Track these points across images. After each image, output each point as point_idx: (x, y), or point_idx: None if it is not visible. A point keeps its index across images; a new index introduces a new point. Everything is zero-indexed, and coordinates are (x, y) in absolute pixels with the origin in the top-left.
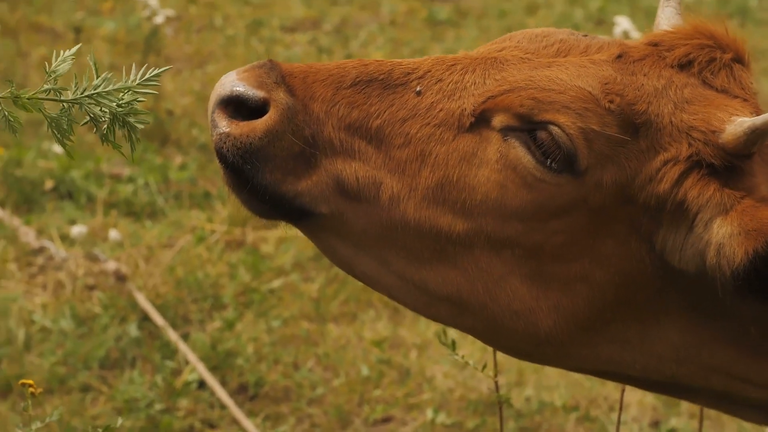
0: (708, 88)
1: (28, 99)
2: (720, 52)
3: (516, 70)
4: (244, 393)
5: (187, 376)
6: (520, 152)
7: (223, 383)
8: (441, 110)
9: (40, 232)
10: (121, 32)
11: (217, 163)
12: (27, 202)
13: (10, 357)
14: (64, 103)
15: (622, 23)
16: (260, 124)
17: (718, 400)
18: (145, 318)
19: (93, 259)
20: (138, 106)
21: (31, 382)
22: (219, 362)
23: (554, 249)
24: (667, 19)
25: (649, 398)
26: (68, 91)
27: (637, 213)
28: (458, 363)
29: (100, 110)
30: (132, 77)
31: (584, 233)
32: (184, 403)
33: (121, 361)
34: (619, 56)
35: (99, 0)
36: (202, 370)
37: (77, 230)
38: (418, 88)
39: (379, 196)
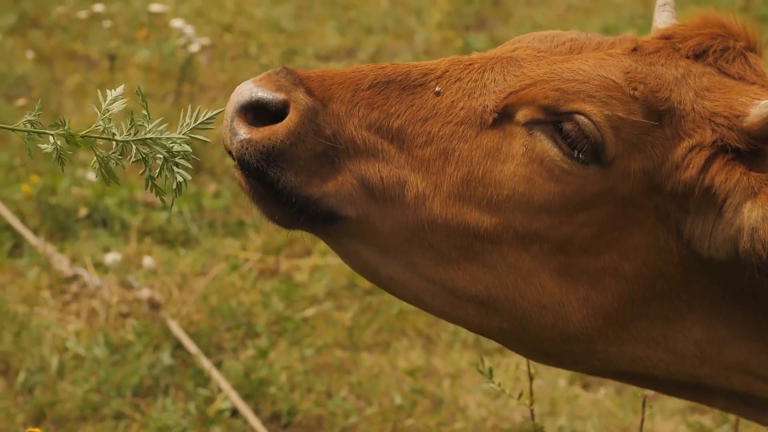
0: (725, 76)
1: (81, 137)
2: (733, 41)
3: (535, 66)
4: (277, 421)
5: (220, 404)
6: (546, 145)
7: (256, 411)
8: (462, 108)
9: (74, 260)
10: (155, 60)
11: (238, 174)
12: (61, 229)
13: (44, 384)
14: (116, 143)
15: None
16: (282, 126)
17: (739, 402)
18: (178, 346)
19: (127, 286)
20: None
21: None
22: (252, 390)
23: (583, 242)
24: (663, 23)
25: (682, 428)
26: (111, 130)
27: (665, 202)
28: (491, 392)
29: (152, 154)
30: (186, 120)
31: (612, 225)
32: (216, 431)
33: (154, 389)
34: (634, 49)
35: (134, 28)
36: (235, 399)
37: (111, 258)
38: (437, 89)
39: (405, 195)
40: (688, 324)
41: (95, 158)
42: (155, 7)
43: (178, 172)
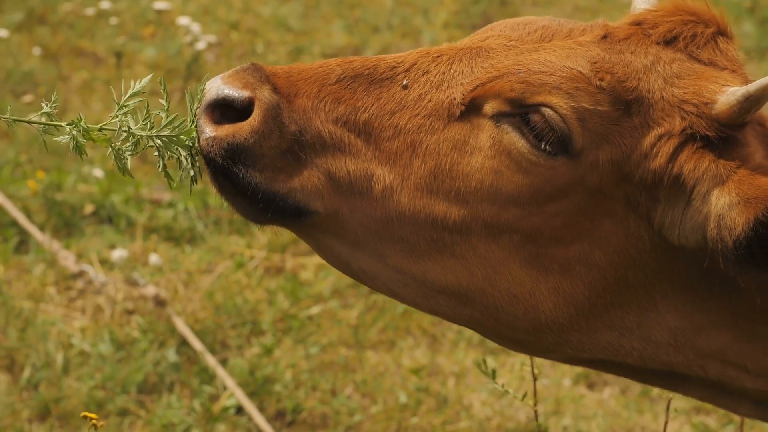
0: (695, 62)
1: (99, 130)
2: (703, 26)
3: (503, 57)
4: (281, 419)
5: (225, 401)
6: (513, 137)
7: (261, 409)
8: (430, 101)
9: (80, 257)
10: (161, 58)
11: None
12: (67, 226)
13: (49, 380)
14: (131, 137)
15: None
16: (246, 124)
17: (713, 390)
18: (183, 343)
19: (132, 283)
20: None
21: (94, 416)
22: (257, 388)
23: (553, 232)
24: (642, 3)
25: (687, 429)
26: (125, 122)
27: (634, 191)
28: (496, 391)
29: (167, 149)
30: (195, 107)
31: (582, 214)
32: (221, 428)
33: (159, 386)
34: (604, 37)
35: (140, 25)
36: (240, 396)
37: (117, 255)
38: (404, 82)
39: (372, 189)
40: (662, 312)
41: (111, 151)
42: (162, 5)
43: (193, 164)
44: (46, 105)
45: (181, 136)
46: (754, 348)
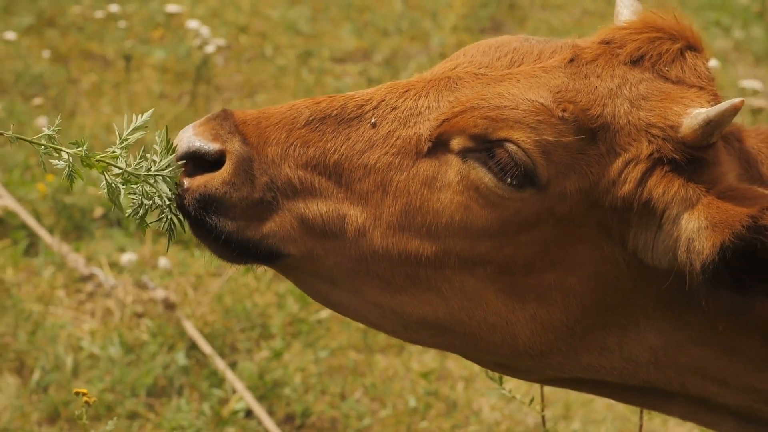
0: (664, 81)
1: (98, 161)
2: (671, 42)
3: (468, 89)
4: (291, 423)
5: (235, 404)
6: (480, 172)
7: (270, 413)
8: (398, 138)
9: (89, 260)
10: (171, 61)
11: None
12: (76, 229)
13: (58, 383)
14: (125, 174)
15: None
16: (217, 175)
17: (695, 406)
18: (193, 346)
19: (142, 286)
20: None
21: (85, 390)
22: (266, 392)
23: (526, 261)
24: (625, 6)
25: None
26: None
27: (605, 216)
28: (505, 396)
29: (153, 195)
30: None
31: (555, 243)
32: (231, 431)
33: (169, 389)
34: (572, 60)
35: (149, 28)
36: (250, 399)
37: (126, 258)
38: (372, 120)
39: (345, 230)
40: (643, 331)
41: (105, 183)
42: (171, 8)
43: (175, 216)
44: (49, 128)
45: (165, 189)
46: (735, 363)
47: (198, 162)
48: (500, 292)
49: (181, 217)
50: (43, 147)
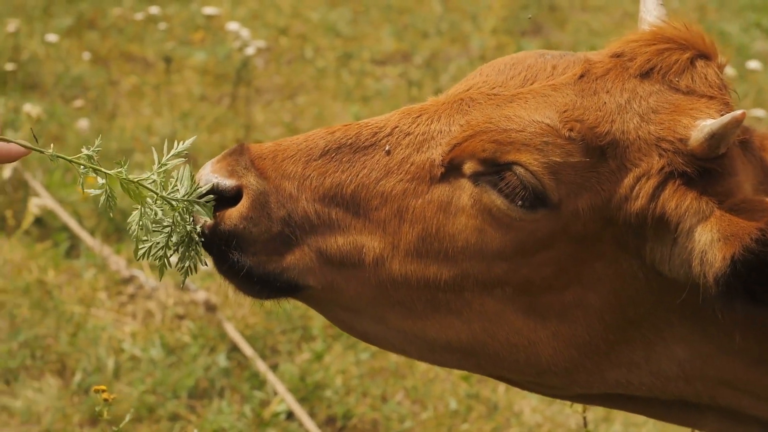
0: (674, 92)
1: (135, 183)
2: (680, 52)
3: (479, 111)
4: (332, 425)
5: (276, 406)
6: (492, 196)
7: (312, 415)
8: (412, 164)
9: (130, 262)
10: (211, 63)
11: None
12: (117, 231)
13: (100, 385)
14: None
15: None
16: (235, 211)
17: (725, 419)
18: (234, 348)
19: (183, 288)
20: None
21: (104, 387)
22: (307, 394)
23: (544, 281)
24: (649, 12)
25: None
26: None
27: (620, 232)
28: (546, 398)
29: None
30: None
31: (571, 261)
32: None
33: (210, 391)
34: (582, 75)
35: (189, 30)
36: (291, 401)
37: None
38: (387, 147)
39: (364, 259)
40: (670, 344)
41: (139, 211)
42: (211, 10)
43: (196, 256)
44: (88, 148)
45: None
46: (764, 374)
47: (218, 199)
48: (520, 312)
49: (198, 254)
50: (82, 167)
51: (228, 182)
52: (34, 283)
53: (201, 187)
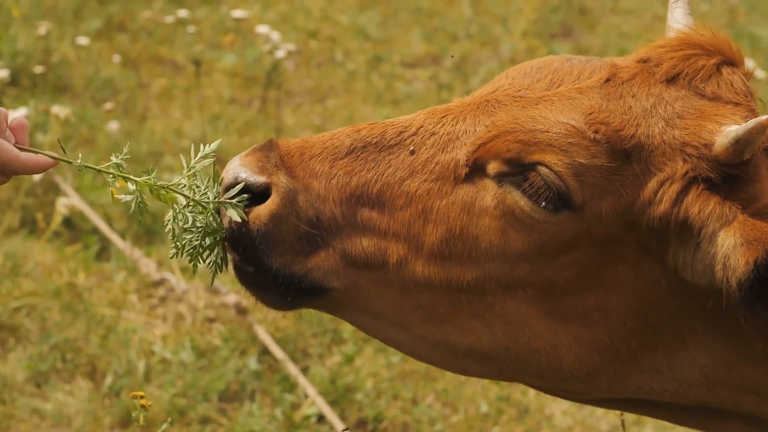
0: (700, 98)
1: (164, 188)
2: (706, 58)
3: (505, 113)
4: (363, 428)
5: (307, 409)
6: (516, 197)
7: (342, 418)
8: (436, 164)
9: (161, 264)
10: (240, 66)
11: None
12: (148, 233)
13: (131, 388)
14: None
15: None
16: (264, 209)
17: (748, 426)
18: (265, 351)
19: (214, 291)
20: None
21: (142, 393)
22: (338, 397)
23: (566, 283)
24: (677, 21)
25: None
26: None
27: (644, 236)
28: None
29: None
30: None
31: (594, 263)
32: None
33: (241, 394)
34: (608, 80)
35: (219, 33)
36: (322, 404)
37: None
38: (411, 147)
39: (388, 261)
40: (692, 350)
41: (171, 214)
42: (240, 13)
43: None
44: (116, 156)
45: (236, 216)
46: None
47: (243, 193)
48: (542, 315)
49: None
50: (111, 176)
51: (258, 179)
52: (65, 285)
53: (230, 185)
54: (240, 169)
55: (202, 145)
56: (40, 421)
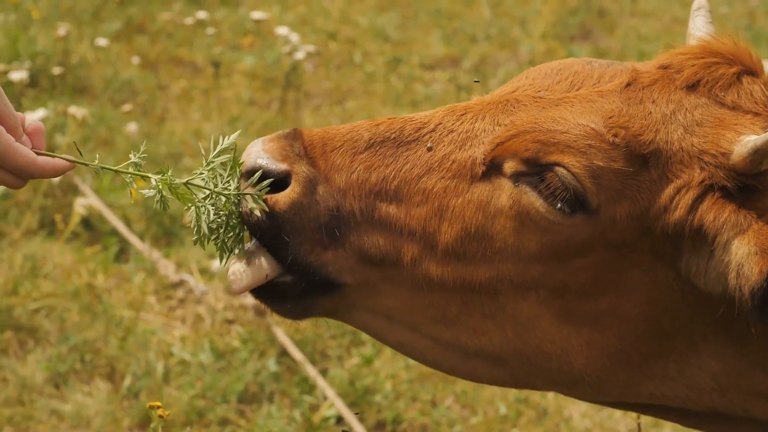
0: (720, 106)
1: (185, 184)
2: (727, 67)
3: (524, 113)
4: (381, 430)
5: (325, 411)
6: (531, 197)
7: (361, 419)
8: (453, 162)
9: (180, 266)
10: (260, 67)
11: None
12: (166, 235)
13: (149, 389)
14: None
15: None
16: (284, 197)
17: (759, 431)
18: (283, 353)
19: (233, 293)
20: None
21: (159, 404)
22: (357, 398)
23: (579, 286)
24: (698, 29)
25: None
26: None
27: (658, 242)
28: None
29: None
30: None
31: (608, 267)
32: None
33: (260, 396)
34: (629, 84)
35: (238, 35)
36: (341, 406)
37: (217, 264)
38: (429, 144)
39: (402, 259)
40: (704, 357)
41: (192, 210)
42: (259, 15)
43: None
44: (134, 155)
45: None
46: None
47: (262, 179)
48: (554, 317)
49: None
50: (129, 176)
51: (279, 166)
52: (84, 287)
53: (251, 169)
54: (263, 155)
55: (221, 138)
56: (59, 423)
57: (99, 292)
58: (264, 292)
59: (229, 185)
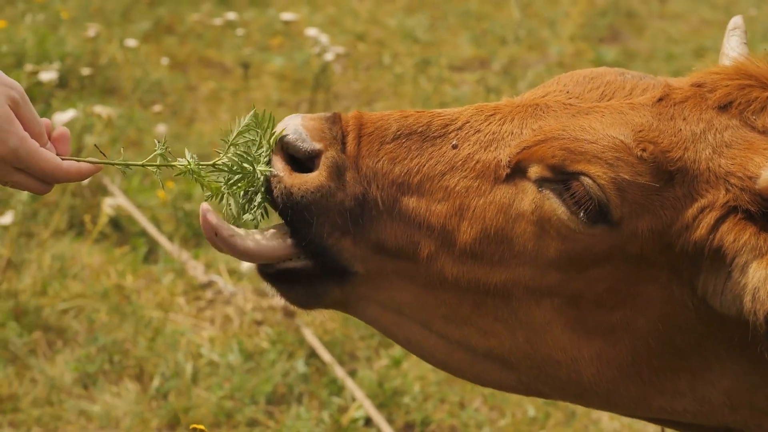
0: (750, 130)
1: (212, 166)
2: (760, 90)
3: (554, 119)
4: (410, 431)
5: (354, 412)
6: (554, 204)
7: (390, 421)
8: (477, 162)
9: (209, 267)
10: (289, 68)
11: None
12: (196, 236)
13: (178, 390)
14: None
15: None
16: (312, 178)
17: None
18: (312, 354)
19: (261, 294)
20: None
21: (202, 427)
22: (385, 400)
23: (594, 297)
24: (732, 49)
25: None
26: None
27: (677, 259)
28: None
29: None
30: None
31: (624, 280)
32: None
33: (288, 397)
34: (660, 99)
35: (267, 36)
36: (369, 407)
37: (246, 265)
38: (454, 141)
39: (418, 254)
40: (717, 374)
41: (224, 199)
42: (289, 16)
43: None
44: (159, 146)
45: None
46: None
47: (292, 156)
48: (566, 326)
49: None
50: (156, 169)
51: (314, 145)
52: (113, 287)
53: (289, 142)
54: (301, 129)
55: (238, 119)
56: (88, 423)
57: (128, 292)
58: (275, 275)
59: (258, 161)
